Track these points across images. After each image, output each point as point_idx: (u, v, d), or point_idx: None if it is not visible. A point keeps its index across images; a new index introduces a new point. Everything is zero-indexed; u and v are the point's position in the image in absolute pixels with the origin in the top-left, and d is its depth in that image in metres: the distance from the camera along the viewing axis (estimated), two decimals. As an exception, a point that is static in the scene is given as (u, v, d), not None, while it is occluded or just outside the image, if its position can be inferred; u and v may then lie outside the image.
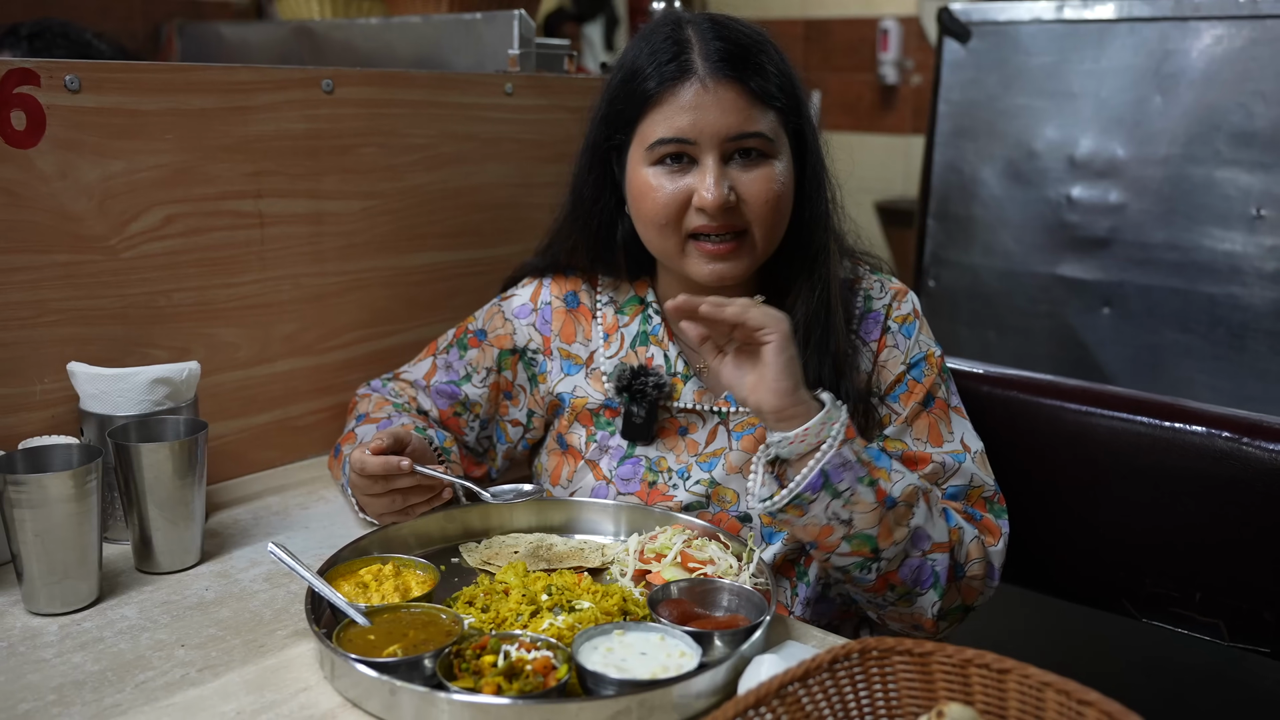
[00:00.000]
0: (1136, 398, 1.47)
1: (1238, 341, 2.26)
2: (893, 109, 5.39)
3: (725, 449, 1.35)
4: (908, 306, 1.38)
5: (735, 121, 1.24)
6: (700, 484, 1.33)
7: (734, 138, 1.24)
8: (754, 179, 1.26)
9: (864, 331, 1.36)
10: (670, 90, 1.25)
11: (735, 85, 1.24)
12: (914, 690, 0.89)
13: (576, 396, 1.41)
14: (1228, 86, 2.23)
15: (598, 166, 1.35)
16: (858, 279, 1.39)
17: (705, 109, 1.24)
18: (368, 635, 1.03)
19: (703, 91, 1.24)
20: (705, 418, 1.36)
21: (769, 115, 1.26)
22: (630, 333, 1.41)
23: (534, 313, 1.45)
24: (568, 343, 1.43)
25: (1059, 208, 2.50)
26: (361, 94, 1.59)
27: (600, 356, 1.41)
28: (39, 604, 1.14)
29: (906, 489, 1.18)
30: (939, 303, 2.71)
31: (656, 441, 1.37)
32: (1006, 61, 2.56)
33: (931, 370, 1.35)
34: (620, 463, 1.37)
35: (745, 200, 1.25)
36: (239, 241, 1.49)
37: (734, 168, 1.26)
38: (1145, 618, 1.46)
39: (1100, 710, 0.81)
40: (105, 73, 1.33)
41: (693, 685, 0.97)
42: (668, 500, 1.34)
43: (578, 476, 1.39)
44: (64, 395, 1.34)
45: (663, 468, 1.36)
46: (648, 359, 1.38)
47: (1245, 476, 1.37)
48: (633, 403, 1.36)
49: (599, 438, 1.39)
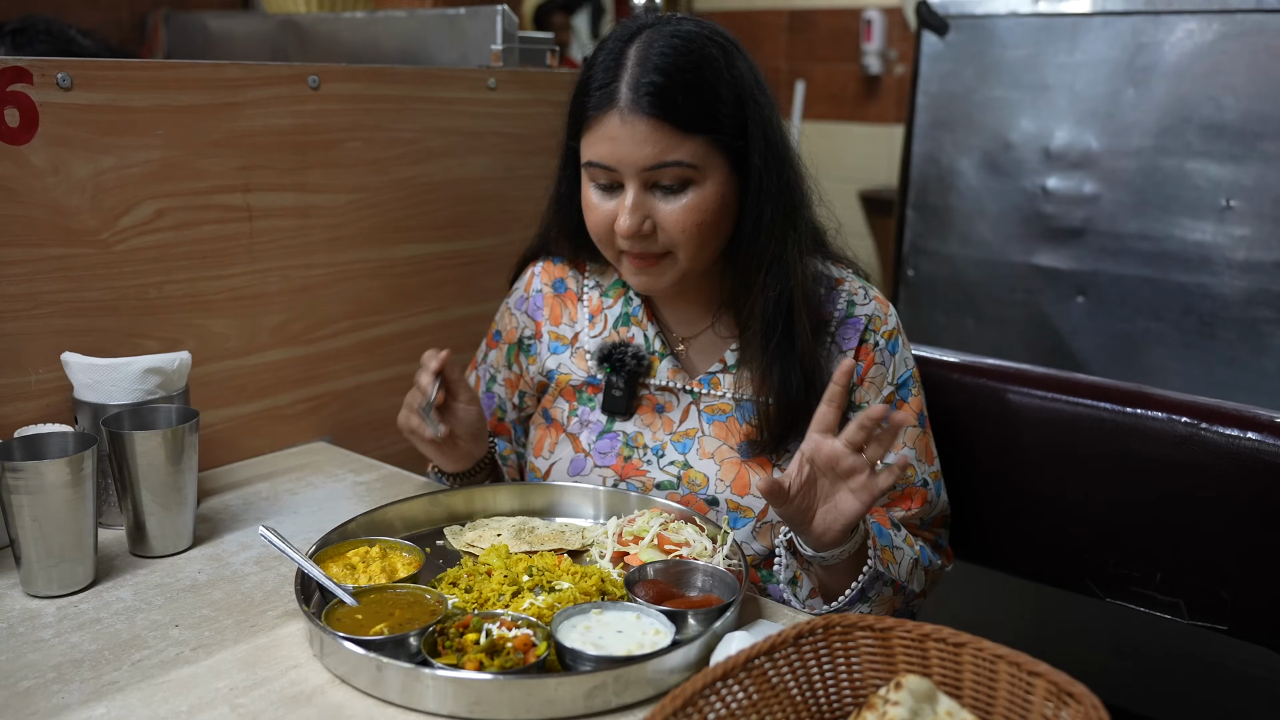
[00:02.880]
0: (1098, 384, 1.51)
1: (1208, 329, 2.31)
2: (876, 99, 5.43)
3: (698, 431, 1.40)
4: (893, 321, 1.41)
5: (650, 154, 1.25)
6: (674, 465, 1.39)
7: (650, 168, 1.26)
8: (673, 210, 1.28)
9: (841, 335, 1.39)
10: (598, 116, 1.27)
11: (651, 120, 1.24)
12: (875, 663, 0.94)
13: (561, 373, 1.47)
14: (1199, 80, 2.27)
15: (569, 166, 1.40)
16: (840, 280, 1.42)
17: (622, 141, 1.25)
18: (355, 615, 1.07)
19: (620, 124, 1.25)
20: (679, 396, 1.42)
21: (694, 142, 1.26)
22: (613, 314, 1.46)
23: (526, 300, 1.51)
24: (555, 324, 1.49)
25: (1034, 198, 2.54)
26: (347, 90, 1.62)
27: (585, 336, 1.47)
28: (37, 587, 1.18)
29: (909, 566, 1.30)
30: (918, 292, 2.76)
31: (634, 418, 1.42)
32: (983, 54, 2.59)
33: (917, 389, 1.42)
34: (599, 437, 1.42)
35: (664, 228, 1.28)
36: (228, 234, 1.53)
37: (655, 195, 1.28)
38: (1109, 597, 1.51)
39: (1048, 680, 0.85)
40: (96, 70, 1.37)
41: (666, 661, 1.01)
42: (641, 475, 1.39)
43: (559, 448, 1.45)
44: (58, 385, 1.38)
45: (639, 443, 1.41)
46: (629, 337, 1.44)
47: (1204, 460, 1.41)
48: (613, 373, 1.41)
49: (580, 413, 1.45)
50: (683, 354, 1.44)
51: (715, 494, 1.37)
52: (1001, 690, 0.89)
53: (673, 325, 1.45)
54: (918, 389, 1.42)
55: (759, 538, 1.36)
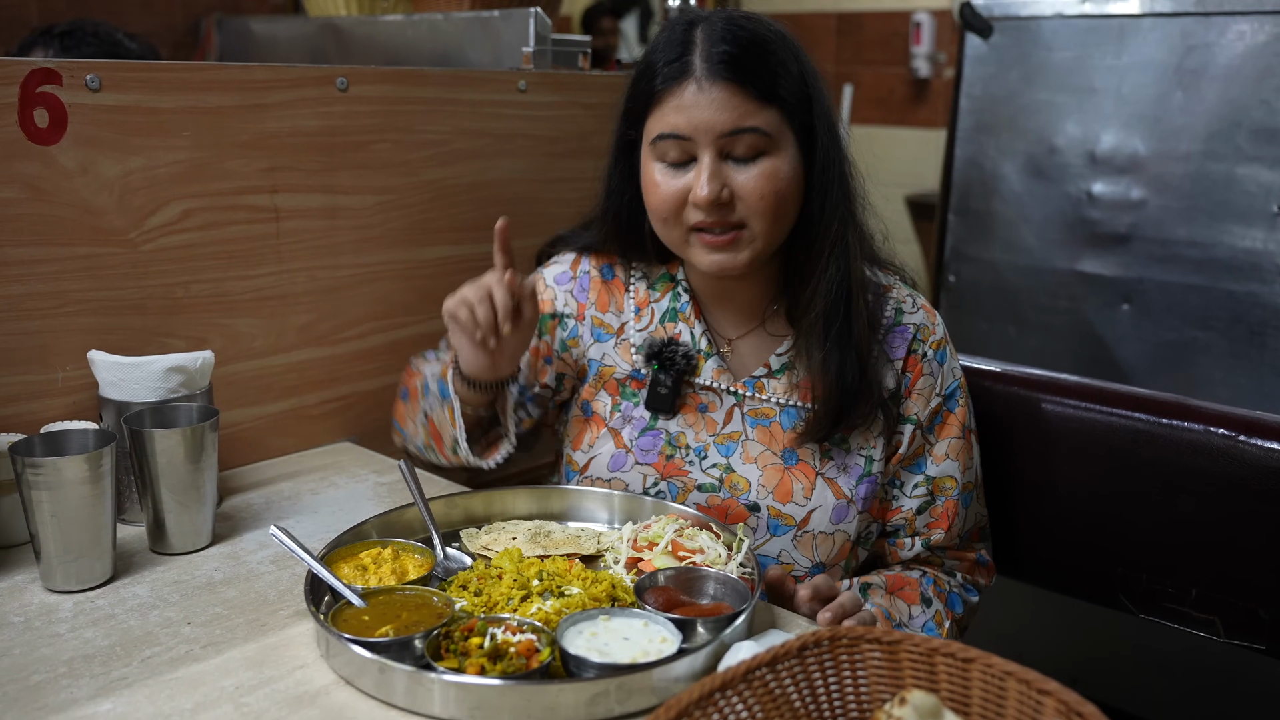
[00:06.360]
0: (1134, 394, 1.48)
1: (1258, 339, 2.25)
2: (925, 102, 5.36)
3: (741, 434, 1.38)
4: (940, 331, 1.41)
5: (730, 118, 1.26)
6: (716, 467, 1.38)
7: (729, 133, 1.26)
8: (750, 176, 1.28)
9: (889, 343, 1.38)
10: (671, 89, 1.29)
11: (730, 85, 1.26)
12: (881, 677, 0.92)
13: (605, 365, 1.45)
14: (1250, 83, 2.21)
15: (622, 160, 1.39)
16: (888, 287, 1.42)
17: (700, 107, 1.26)
18: (362, 616, 1.07)
19: (698, 91, 1.27)
20: (722, 397, 1.40)
21: (769, 111, 1.28)
22: (660, 308, 1.45)
23: (572, 280, 1.49)
24: (601, 311, 1.47)
25: (1079, 204, 2.49)
26: (375, 91, 1.63)
27: (631, 328, 1.45)
28: (55, 581, 1.20)
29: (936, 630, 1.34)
30: (959, 298, 2.72)
31: (678, 416, 1.40)
32: (1028, 56, 2.55)
33: (963, 399, 1.41)
34: (641, 433, 1.41)
35: (741, 197, 1.28)
36: (255, 235, 1.54)
37: (731, 165, 1.28)
38: (1142, 613, 1.47)
39: (1058, 700, 0.83)
40: (125, 72, 1.38)
41: (671, 670, 1.00)
42: (684, 475, 1.38)
43: (599, 443, 1.43)
44: (85, 382, 1.39)
45: (681, 443, 1.39)
46: (676, 334, 1.43)
47: (1242, 474, 1.37)
48: (661, 371, 1.40)
49: (623, 408, 1.43)
50: (728, 354, 1.43)
51: (757, 499, 1.36)
52: (1010, 708, 0.86)
53: (720, 324, 1.44)
54: (964, 399, 1.41)
55: (799, 547, 1.35)
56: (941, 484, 1.39)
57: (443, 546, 1.27)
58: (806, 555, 1.35)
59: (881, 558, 1.45)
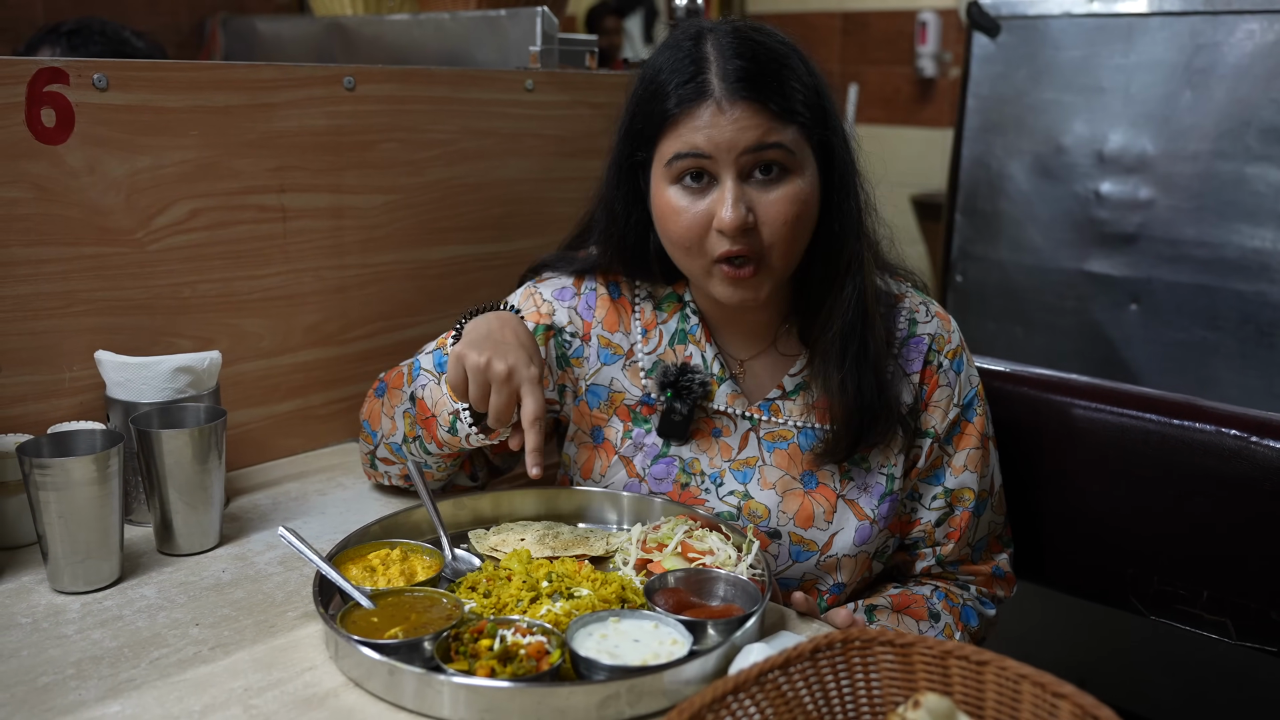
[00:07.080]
0: (1144, 394, 1.47)
1: (1266, 339, 2.24)
2: (931, 102, 5.35)
3: (758, 459, 1.35)
4: (956, 338, 1.38)
5: (753, 136, 1.20)
6: (734, 495, 1.34)
7: (752, 149, 1.21)
8: (773, 200, 1.22)
9: (905, 357, 1.36)
10: (687, 111, 1.22)
11: (752, 104, 1.20)
12: (895, 680, 0.91)
13: (615, 390, 1.40)
14: (1259, 82, 2.20)
15: (625, 182, 1.32)
16: (900, 295, 1.38)
17: (721, 127, 1.20)
18: (371, 617, 1.07)
19: (718, 112, 1.21)
20: (736, 422, 1.36)
21: (790, 129, 1.22)
22: (669, 330, 1.39)
23: (577, 296, 1.42)
24: (610, 331, 1.41)
25: (1087, 203, 2.48)
26: (382, 91, 1.63)
27: (639, 351, 1.40)
28: (63, 583, 1.19)
29: None
30: (966, 298, 2.71)
31: (691, 443, 1.36)
32: (1035, 56, 2.54)
33: (981, 407, 1.39)
34: (654, 461, 1.37)
35: (764, 222, 1.22)
36: (262, 235, 1.54)
37: (753, 186, 1.23)
38: (1154, 615, 1.46)
39: (1074, 703, 0.82)
40: (132, 71, 1.38)
41: (682, 672, 0.99)
42: (700, 504, 1.34)
43: (611, 471, 1.39)
44: (92, 383, 1.39)
45: (696, 470, 1.35)
46: (686, 357, 1.37)
47: (1254, 475, 1.36)
48: (676, 399, 1.34)
49: (635, 434, 1.38)
50: (741, 377, 1.38)
51: (777, 526, 1.33)
52: (1025, 712, 0.85)
53: (731, 345, 1.39)
54: (982, 407, 1.39)
55: (822, 568, 1.33)
56: (960, 495, 1.37)
57: (451, 547, 1.26)
58: (829, 575, 1.34)
59: (901, 569, 1.44)
